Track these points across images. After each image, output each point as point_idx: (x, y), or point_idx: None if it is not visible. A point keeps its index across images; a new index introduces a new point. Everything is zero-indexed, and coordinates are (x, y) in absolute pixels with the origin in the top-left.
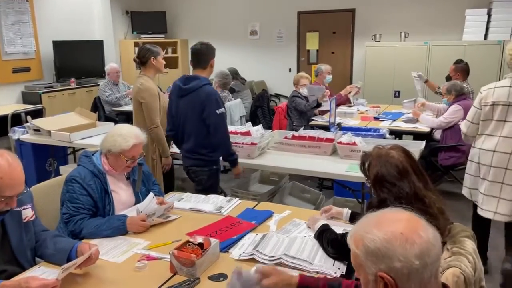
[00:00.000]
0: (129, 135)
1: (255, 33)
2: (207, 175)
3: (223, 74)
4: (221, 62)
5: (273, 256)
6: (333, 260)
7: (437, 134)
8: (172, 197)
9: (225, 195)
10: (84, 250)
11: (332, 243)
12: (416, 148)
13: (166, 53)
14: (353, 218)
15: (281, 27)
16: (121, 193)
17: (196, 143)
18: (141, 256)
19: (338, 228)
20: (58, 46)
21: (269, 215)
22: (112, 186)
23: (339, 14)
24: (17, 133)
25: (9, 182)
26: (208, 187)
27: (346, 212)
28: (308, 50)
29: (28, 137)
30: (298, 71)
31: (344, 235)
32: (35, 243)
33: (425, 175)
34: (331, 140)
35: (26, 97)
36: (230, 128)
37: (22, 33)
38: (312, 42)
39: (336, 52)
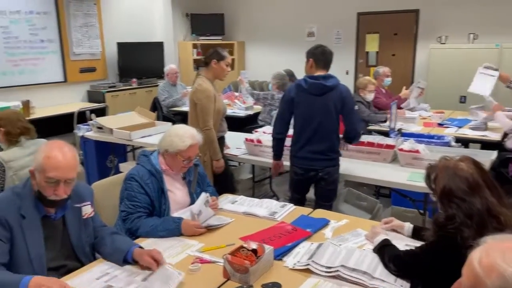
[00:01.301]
0: (185, 136)
1: (312, 34)
2: (338, 173)
3: (280, 75)
4: (277, 64)
5: (330, 267)
6: (395, 277)
7: (510, 144)
8: (226, 199)
9: (278, 199)
10: (140, 255)
11: (395, 260)
12: (486, 158)
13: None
14: (417, 233)
15: (339, 29)
16: (177, 193)
17: (331, 143)
18: (194, 258)
19: (399, 242)
20: (122, 47)
21: (325, 223)
22: (168, 186)
23: (402, 15)
24: (82, 130)
25: (55, 163)
26: (337, 185)
27: (408, 226)
28: (367, 52)
29: (92, 134)
30: (356, 73)
31: (407, 253)
32: (94, 239)
33: (499, 189)
34: (392, 147)
35: (91, 96)
36: None
37: (89, 34)
38: (372, 43)
39: (397, 55)
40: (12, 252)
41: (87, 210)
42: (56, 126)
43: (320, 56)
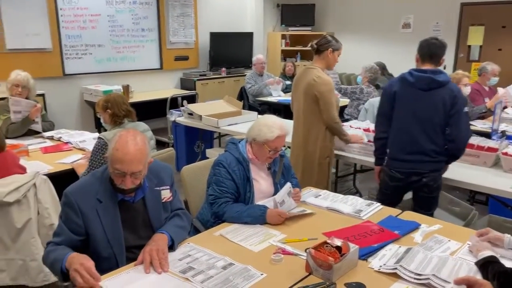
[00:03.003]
0: (274, 126)
1: (408, 26)
2: (441, 178)
3: (373, 68)
4: (368, 56)
5: (420, 275)
6: None
7: None
8: (309, 192)
9: (361, 196)
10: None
11: (500, 277)
12: None
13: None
14: None
15: (439, 20)
16: (261, 182)
17: (438, 144)
18: (277, 248)
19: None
20: (214, 37)
21: (415, 227)
22: (253, 174)
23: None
24: (174, 115)
25: (121, 156)
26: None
27: (509, 239)
28: (469, 46)
29: (183, 119)
30: (455, 69)
31: None
32: None
33: None
34: (495, 150)
35: (183, 83)
36: (373, 126)
37: (185, 24)
38: (476, 37)
39: (504, 49)
40: (90, 235)
41: (165, 194)
42: (151, 110)
43: (424, 49)
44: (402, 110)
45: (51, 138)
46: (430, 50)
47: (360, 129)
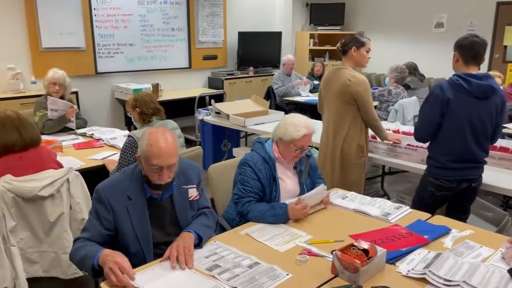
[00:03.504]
0: (300, 125)
1: (441, 25)
2: None
3: (400, 68)
4: (399, 57)
5: (450, 281)
6: None
7: None
8: (336, 194)
9: (389, 199)
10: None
11: None
12: None
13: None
14: None
15: (474, 19)
16: (287, 181)
17: (487, 150)
18: (302, 249)
19: None
20: (242, 36)
21: (445, 231)
22: (279, 174)
23: None
24: (201, 114)
25: (157, 151)
26: None
27: None
28: (505, 46)
29: (210, 118)
30: (489, 69)
31: None
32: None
33: None
34: None
35: (211, 82)
36: (403, 128)
37: (214, 24)
38: None
39: None
40: (119, 232)
41: (192, 192)
42: (179, 109)
43: (467, 49)
44: (455, 119)
45: (83, 134)
46: (474, 50)
47: (390, 130)
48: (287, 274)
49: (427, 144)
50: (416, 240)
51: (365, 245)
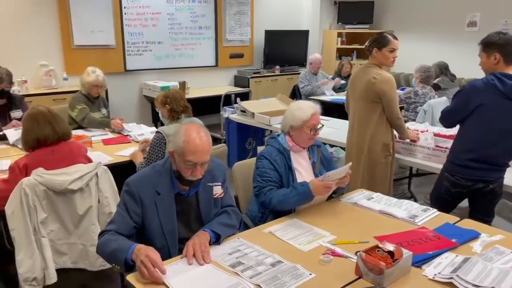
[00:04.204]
0: (305, 107)
1: (473, 24)
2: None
3: (424, 67)
4: (429, 56)
5: (478, 286)
6: None
7: None
8: (361, 194)
9: (415, 201)
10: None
11: None
12: None
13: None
14: None
15: (508, 18)
16: (303, 172)
17: (511, 156)
18: (326, 249)
19: None
20: (269, 35)
21: (474, 236)
22: (294, 164)
23: None
24: (227, 112)
25: (193, 147)
26: None
27: None
28: None
29: (236, 116)
30: None
31: None
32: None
33: None
34: None
35: (237, 81)
36: (432, 129)
37: (241, 22)
38: None
39: None
40: (146, 226)
41: (217, 190)
42: (205, 107)
43: (509, 47)
44: (485, 119)
45: (112, 130)
46: None
47: (418, 131)
48: (310, 274)
49: None
50: (444, 243)
51: (390, 247)
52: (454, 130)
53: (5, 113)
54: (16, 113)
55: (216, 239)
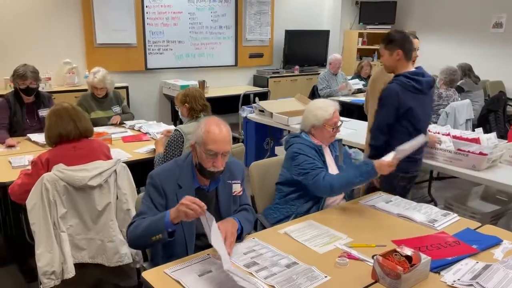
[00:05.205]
0: (326, 106)
1: (499, 25)
2: None
3: (450, 70)
4: (453, 58)
5: None
6: None
7: None
8: (379, 197)
9: (435, 205)
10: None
11: None
12: None
13: None
14: None
15: None
16: (332, 165)
17: None
18: (342, 252)
19: None
20: (289, 35)
21: (496, 242)
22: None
23: None
24: (245, 112)
25: (214, 137)
26: None
27: None
28: None
29: (254, 116)
30: None
31: None
32: None
33: None
34: None
35: (256, 80)
36: (454, 132)
37: (261, 22)
38: None
39: None
40: None
41: (236, 188)
42: (224, 106)
43: (409, 46)
44: (416, 120)
45: (132, 128)
46: None
47: (440, 134)
48: (326, 276)
49: (479, 150)
50: (464, 249)
51: (408, 251)
52: (476, 134)
53: (33, 111)
54: (44, 112)
55: (239, 233)
